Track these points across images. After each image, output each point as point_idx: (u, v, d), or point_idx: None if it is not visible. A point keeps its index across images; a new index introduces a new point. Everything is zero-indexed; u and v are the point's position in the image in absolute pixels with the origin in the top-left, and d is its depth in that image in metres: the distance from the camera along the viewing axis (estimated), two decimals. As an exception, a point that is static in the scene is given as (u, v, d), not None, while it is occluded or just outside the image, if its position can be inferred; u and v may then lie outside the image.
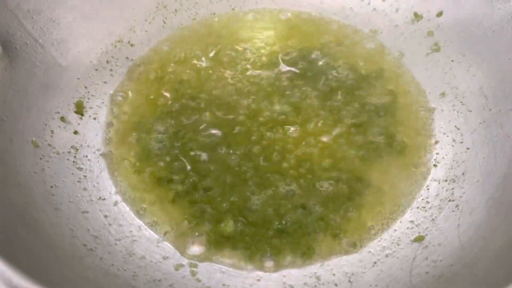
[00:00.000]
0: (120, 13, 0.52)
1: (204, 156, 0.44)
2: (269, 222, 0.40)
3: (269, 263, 0.38)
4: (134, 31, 0.53)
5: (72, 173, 0.42)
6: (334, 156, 0.44)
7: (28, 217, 0.34)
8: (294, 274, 0.38)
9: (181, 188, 0.42)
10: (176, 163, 0.44)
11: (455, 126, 0.45)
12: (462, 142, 0.44)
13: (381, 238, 0.40)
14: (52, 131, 0.43)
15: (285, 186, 0.42)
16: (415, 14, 0.52)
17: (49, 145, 0.42)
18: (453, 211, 0.39)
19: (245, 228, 0.40)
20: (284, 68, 0.51)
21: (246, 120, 0.46)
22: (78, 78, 0.48)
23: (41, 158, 0.41)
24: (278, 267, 0.38)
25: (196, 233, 0.40)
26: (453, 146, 0.44)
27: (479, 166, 0.41)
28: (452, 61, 0.49)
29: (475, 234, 0.36)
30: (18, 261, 0.25)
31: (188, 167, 0.43)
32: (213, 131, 0.46)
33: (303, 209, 0.41)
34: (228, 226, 0.40)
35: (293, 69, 0.51)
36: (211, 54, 0.52)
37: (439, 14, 0.51)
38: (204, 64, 0.52)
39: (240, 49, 0.53)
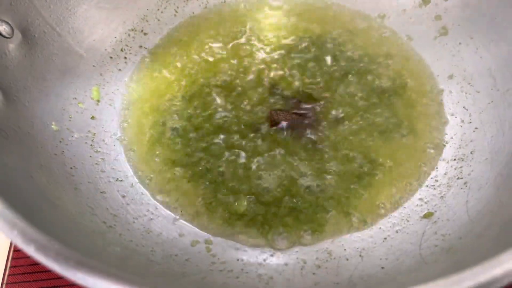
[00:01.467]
0: (133, 2, 0.54)
1: (217, 138, 0.45)
2: (280, 200, 0.41)
3: (281, 241, 0.40)
4: (146, 20, 0.55)
5: (90, 156, 0.43)
6: (344, 137, 0.45)
7: (50, 195, 0.36)
8: (306, 249, 0.39)
9: (196, 170, 0.43)
10: (190, 147, 0.45)
11: (464, 107, 0.46)
12: (470, 123, 0.45)
13: (391, 215, 0.40)
14: (70, 116, 0.45)
15: (294, 164, 0.43)
16: (423, -1, 0.53)
17: (67, 129, 0.44)
18: (461, 188, 0.40)
19: (257, 206, 0.41)
20: (291, 52, 0.52)
21: (252, 106, 0.48)
22: (93, 66, 0.50)
23: (60, 141, 0.42)
24: (290, 243, 0.39)
25: (211, 211, 0.41)
26: (461, 126, 0.45)
27: (487, 144, 0.42)
28: (460, 43, 0.50)
29: (484, 209, 0.36)
30: (45, 229, 0.26)
31: (203, 149, 0.45)
32: (226, 113, 0.47)
33: (314, 188, 0.42)
34: (242, 205, 0.41)
35: (301, 53, 0.52)
36: (223, 41, 0.53)
37: (447, -3, 0.51)
38: (215, 50, 0.53)
39: (249, 35, 0.54)
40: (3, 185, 0.30)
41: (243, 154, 0.44)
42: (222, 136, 0.45)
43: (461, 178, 0.41)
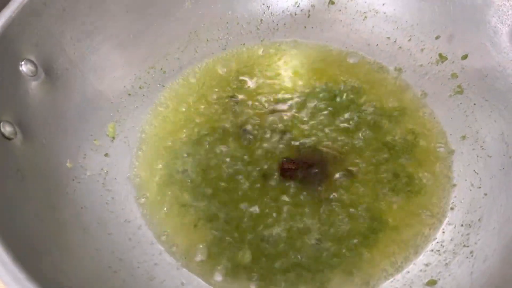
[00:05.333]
0: (155, 41, 0.55)
1: (226, 185, 0.46)
2: (285, 255, 0.41)
3: (283, 295, 0.40)
4: (167, 59, 0.56)
5: (101, 195, 0.44)
6: (350, 193, 0.45)
7: (59, 238, 0.37)
8: (307, 308, 0.39)
9: (203, 216, 0.44)
10: (199, 190, 0.46)
11: (474, 170, 0.46)
12: (480, 187, 0.45)
13: (394, 279, 0.40)
14: (85, 154, 0.46)
15: (302, 221, 0.43)
16: (440, 55, 0.53)
17: (81, 166, 0.45)
18: (467, 257, 0.40)
19: (261, 259, 0.41)
20: (305, 102, 0.53)
21: (267, 152, 0.48)
22: (112, 102, 0.51)
23: (73, 180, 0.43)
24: (291, 300, 0.39)
25: (215, 261, 0.41)
26: (470, 190, 0.45)
27: (496, 213, 0.42)
28: (474, 104, 0.50)
29: (488, 283, 0.36)
30: (47, 279, 0.27)
31: (210, 195, 0.45)
32: (236, 160, 0.48)
33: (318, 245, 0.42)
34: (246, 256, 0.41)
35: (315, 103, 0.52)
36: (238, 85, 0.54)
37: (464, 57, 0.51)
38: (230, 93, 0.54)
39: (264, 81, 0.55)
40: (14, 234, 0.31)
41: (250, 203, 0.45)
42: (231, 183, 0.46)
43: (468, 246, 0.41)
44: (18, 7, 0.40)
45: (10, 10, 0.40)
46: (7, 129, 0.37)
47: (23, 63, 0.41)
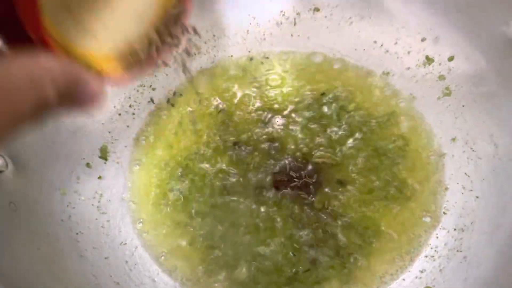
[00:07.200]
0: (142, 58, 0.55)
1: (221, 201, 0.46)
2: (280, 269, 0.42)
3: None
4: (155, 75, 0.56)
5: (96, 219, 0.45)
6: (343, 202, 0.45)
7: (54, 267, 0.37)
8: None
9: (198, 233, 0.44)
10: (194, 208, 0.46)
11: (465, 173, 0.46)
12: (471, 190, 0.45)
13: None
14: (78, 177, 0.46)
15: (296, 232, 0.44)
16: (427, 57, 0.54)
17: (75, 191, 0.45)
18: (461, 262, 0.40)
19: (258, 274, 0.42)
20: (295, 111, 0.53)
21: (259, 166, 0.48)
22: (102, 124, 0.51)
23: (67, 206, 0.44)
24: (289, 314, 0.40)
25: (212, 279, 0.42)
26: (462, 193, 0.45)
27: (488, 217, 0.42)
28: (463, 106, 0.50)
29: (482, 289, 0.37)
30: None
31: (205, 213, 0.46)
32: (229, 174, 0.48)
33: (313, 257, 0.42)
34: (242, 272, 0.41)
35: (304, 112, 0.52)
36: (228, 97, 0.55)
37: (450, 58, 0.52)
38: (221, 106, 0.54)
39: (252, 92, 0.55)
40: (5, 268, 0.31)
41: (245, 218, 0.45)
42: (224, 199, 0.46)
43: (461, 251, 0.41)
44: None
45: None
46: (-2, 162, 0.38)
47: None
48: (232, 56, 0.59)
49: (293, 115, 0.52)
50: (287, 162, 0.49)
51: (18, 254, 0.35)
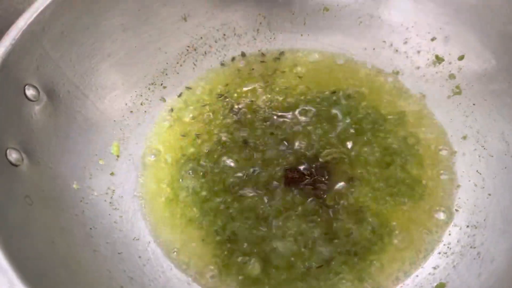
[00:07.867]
0: (153, 57, 0.55)
1: (232, 197, 0.46)
2: (293, 265, 0.42)
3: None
4: (166, 74, 0.56)
5: (109, 214, 0.45)
6: (355, 199, 0.46)
7: (70, 260, 0.37)
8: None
9: (211, 229, 0.44)
10: (206, 204, 0.46)
11: (477, 170, 0.46)
12: (483, 188, 0.45)
13: (404, 284, 0.41)
14: (91, 174, 0.46)
15: (308, 229, 0.44)
16: (437, 57, 0.54)
17: (88, 187, 0.45)
18: (474, 258, 0.40)
19: (270, 270, 0.42)
20: (305, 110, 0.53)
21: (271, 163, 0.49)
22: (114, 121, 0.51)
23: (81, 201, 0.44)
24: (302, 310, 0.40)
25: (225, 275, 0.42)
26: (474, 191, 0.45)
27: (501, 213, 0.42)
28: (474, 104, 0.50)
29: (496, 284, 0.37)
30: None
31: (216, 209, 0.46)
32: (241, 171, 0.48)
33: (326, 253, 0.42)
34: (255, 268, 0.42)
35: (315, 110, 0.53)
36: (237, 97, 0.55)
37: (461, 57, 0.52)
38: (230, 105, 0.54)
39: (263, 91, 0.55)
40: (25, 260, 0.32)
41: (257, 214, 0.45)
42: (236, 195, 0.46)
43: (474, 248, 0.41)
44: (17, 33, 0.41)
45: (10, 38, 0.40)
46: (14, 156, 0.38)
47: (25, 88, 0.42)
48: (242, 55, 0.59)
49: (303, 113, 0.53)
50: (298, 159, 0.49)
51: (34, 246, 0.35)
